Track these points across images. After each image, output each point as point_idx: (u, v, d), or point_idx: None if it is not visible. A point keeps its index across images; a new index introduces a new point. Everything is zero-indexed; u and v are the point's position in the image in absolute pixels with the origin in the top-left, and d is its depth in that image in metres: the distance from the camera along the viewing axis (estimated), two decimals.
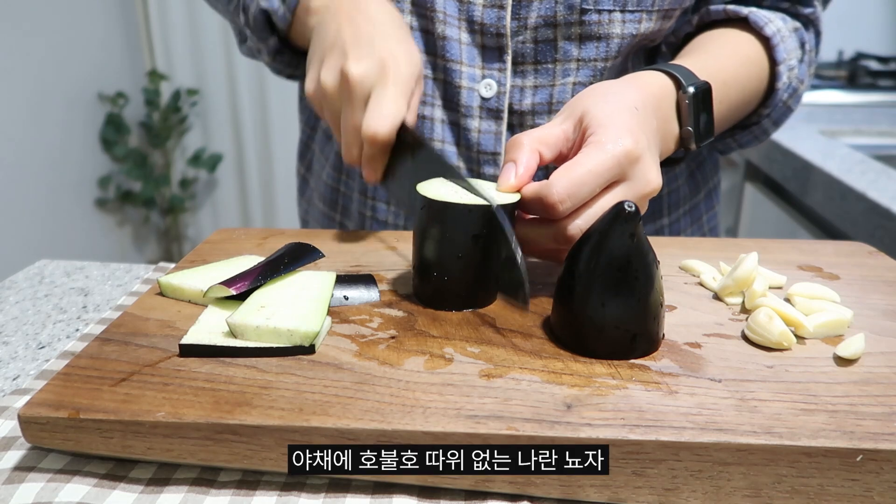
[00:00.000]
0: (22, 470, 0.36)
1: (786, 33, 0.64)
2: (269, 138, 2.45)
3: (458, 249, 0.45)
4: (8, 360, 0.49)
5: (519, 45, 0.62)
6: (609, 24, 0.60)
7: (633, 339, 0.40)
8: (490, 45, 0.62)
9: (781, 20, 0.65)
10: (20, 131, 1.86)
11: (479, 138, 0.64)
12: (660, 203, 0.72)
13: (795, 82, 0.65)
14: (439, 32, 0.62)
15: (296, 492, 0.35)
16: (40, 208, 1.95)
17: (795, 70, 0.65)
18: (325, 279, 0.48)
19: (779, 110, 0.66)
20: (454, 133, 0.65)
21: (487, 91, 0.63)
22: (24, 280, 0.64)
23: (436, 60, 0.64)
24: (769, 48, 0.63)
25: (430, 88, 0.65)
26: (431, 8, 0.61)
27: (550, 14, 0.60)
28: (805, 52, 0.66)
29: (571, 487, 0.34)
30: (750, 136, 0.69)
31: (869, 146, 1.36)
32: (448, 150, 0.65)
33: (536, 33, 0.61)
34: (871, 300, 0.49)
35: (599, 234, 0.40)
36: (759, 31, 0.63)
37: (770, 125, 0.68)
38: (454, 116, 0.65)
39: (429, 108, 0.65)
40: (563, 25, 0.60)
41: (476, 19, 0.61)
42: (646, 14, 0.61)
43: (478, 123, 0.64)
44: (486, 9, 0.61)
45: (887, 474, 0.33)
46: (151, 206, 2.41)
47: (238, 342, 0.41)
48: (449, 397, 0.36)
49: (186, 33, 2.39)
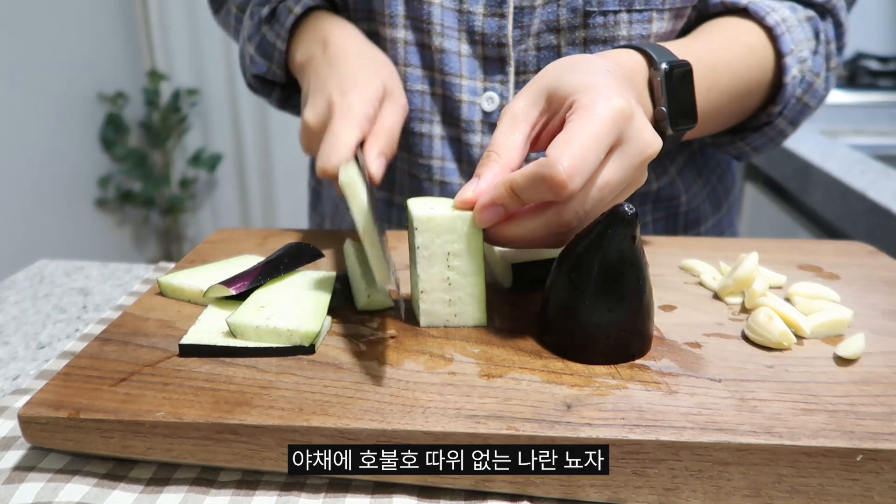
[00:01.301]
0: (22, 470, 0.36)
1: (793, 23, 0.59)
2: (269, 138, 2.45)
3: None
4: (8, 360, 0.49)
5: (521, 54, 0.60)
6: (615, 25, 0.58)
7: (635, 342, 0.40)
8: (491, 55, 0.60)
9: (789, 10, 0.60)
10: (20, 131, 1.86)
11: (481, 154, 0.60)
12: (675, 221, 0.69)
13: (810, 76, 0.61)
14: (437, 45, 0.60)
15: (296, 492, 0.35)
16: (40, 208, 1.95)
17: (808, 62, 0.60)
18: (325, 279, 0.48)
19: (793, 108, 0.62)
20: (455, 149, 0.63)
21: (489, 104, 0.61)
22: (24, 280, 0.64)
23: (433, 75, 0.62)
24: (772, 38, 0.59)
25: (427, 104, 0.63)
26: (428, 20, 0.59)
27: (553, 19, 0.58)
28: (820, 42, 0.61)
29: (571, 487, 0.34)
30: (764, 139, 0.64)
31: (869, 146, 1.36)
32: (448, 168, 0.63)
33: (539, 40, 0.59)
34: (871, 300, 0.49)
35: (596, 237, 0.39)
36: (760, 21, 0.59)
37: (786, 125, 0.63)
38: (454, 132, 0.63)
39: (427, 124, 0.63)
40: (566, 30, 0.58)
41: (476, 29, 0.59)
42: (656, 13, 0.58)
43: (480, 139, 0.62)
44: (486, 18, 0.59)
45: (887, 474, 0.33)
46: (151, 206, 2.41)
47: (238, 342, 0.41)
48: (449, 397, 0.36)
49: (186, 33, 2.39)
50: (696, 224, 0.71)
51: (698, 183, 0.70)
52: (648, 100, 0.51)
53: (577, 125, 0.39)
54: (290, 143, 2.45)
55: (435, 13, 0.59)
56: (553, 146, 0.39)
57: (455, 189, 0.63)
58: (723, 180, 0.74)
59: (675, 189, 0.68)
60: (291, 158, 2.47)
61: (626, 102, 0.40)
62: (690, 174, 0.69)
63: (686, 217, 0.70)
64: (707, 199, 0.71)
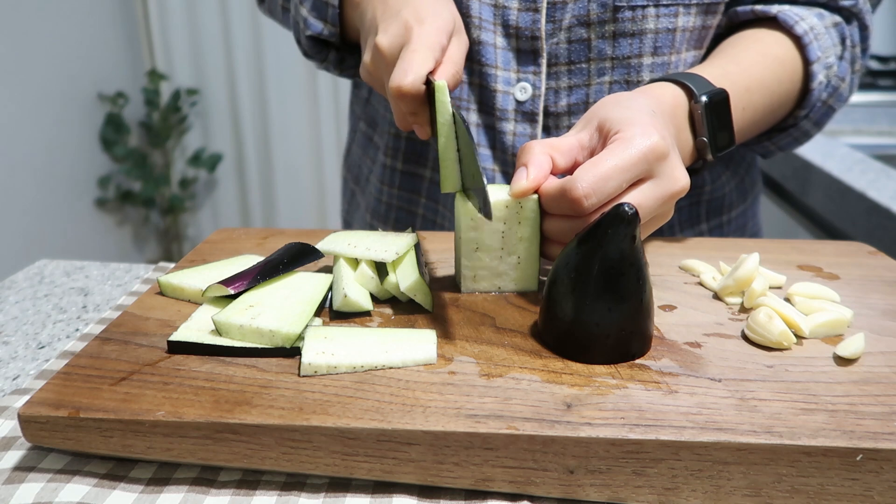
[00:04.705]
0: (22, 470, 0.36)
1: (820, 30, 0.62)
2: (269, 138, 2.45)
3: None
4: (8, 360, 0.49)
5: (553, 47, 0.62)
6: (643, 19, 0.60)
7: (635, 342, 0.40)
8: (525, 48, 0.62)
9: (817, 17, 0.62)
10: (20, 131, 1.86)
11: (513, 141, 0.64)
12: (698, 210, 0.70)
13: (835, 80, 0.63)
14: (475, 37, 0.62)
15: (296, 492, 0.35)
16: (40, 208, 1.95)
17: (834, 68, 0.63)
18: (320, 281, 0.48)
19: (818, 111, 0.64)
20: (489, 136, 0.66)
21: (522, 94, 0.63)
22: (24, 280, 0.64)
23: (471, 65, 0.64)
24: (801, 47, 0.61)
25: (465, 93, 0.65)
26: (467, 13, 0.62)
27: (584, 13, 0.60)
28: (846, 48, 0.64)
29: (571, 487, 0.34)
30: (789, 139, 0.67)
31: (869, 146, 1.36)
32: (483, 154, 0.66)
33: (570, 33, 0.61)
34: (871, 300, 0.49)
35: (596, 237, 0.39)
36: (789, 31, 0.61)
37: (810, 126, 0.65)
38: (489, 120, 0.65)
39: (464, 112, 0.65)
40: (596, 24, 0.60)
41: (511, 23, 0.61)
42: (682, 8, 0.60)
43: (513, 126, 0.64)
44: (520, 12, 0.61)
45: (887, 474, 0.33)
46: (151, 206, 2.41)
47: (224, 341, 0.41)
48: (449, 397, 0.36)
49: (186, 33, 2.39)
50: (719, 213, 0.72)
51: (726, 174, 0.72)
52: (689, 132, 0.55)
53: (609, 154, 0.44)
54: (290, 143, 2.45)
55: (473, 6, 0.61)
56: (581, 167, 0.44)
57: (488, 174, 0.67)
58: (750, 173, 0.76)
59: (701, 178, 0.70)
60: (291, 158, 2.47)
61: (661, 141, 0.44)
62: (718, 166, 0.71)
63: (709, 205, 0.71)
64: (735, 188, 0.73)
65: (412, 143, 0.71)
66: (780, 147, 0.68)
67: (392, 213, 0.75)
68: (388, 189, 0.74)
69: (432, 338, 0.41)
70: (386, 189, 0.74)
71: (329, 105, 2.37)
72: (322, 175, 2.48)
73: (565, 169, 0.48)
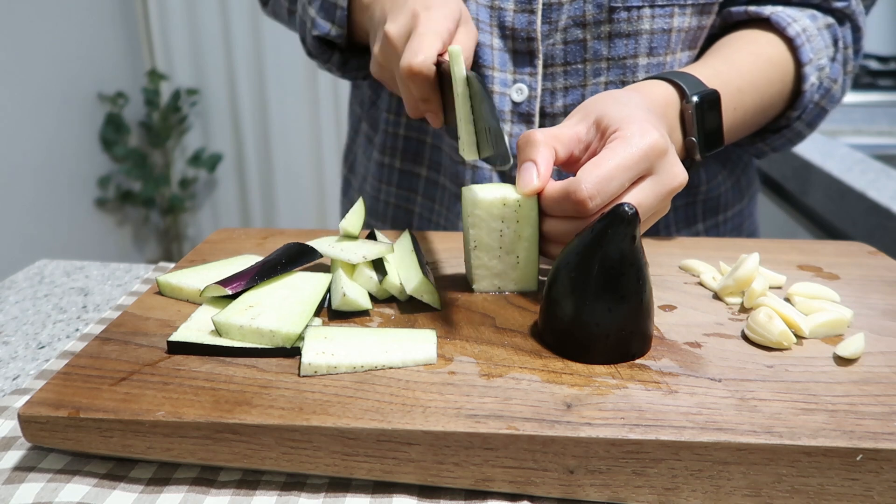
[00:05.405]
0: (22, 470, 0.36)
1: (813, 32, 0.62)
2: (269, 138, 2.45)
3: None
4: (8, 360, 0.49)
5: (549, 48, 0.62)
6: (638, 20, 0.60)
7: (635, 342, 0.40)
8: (521, 49, 0.62)
9: (810, 18, 0.63)
10: (20, 131, 1.86)
11: (509, 142, 0.64)
12: (694, 209, 0.71)
13: (827, 82, 0.64)
14: None
15: (296, 492, 0.35)
16: (40, 208, 1.95)
17: (827, 69, 0.63)
18: (319, 281, 0.48)
19: (810, 112, 0.65)
20: None
21: (519, 95, 0.63)
22: (24, 280, 0.64)
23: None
24: (793, 49, 0.62)
25: None
26: None
27: (580, 14, 0.60)
28: (838, 49, 0.64)
29: (571, 487, 0.34)
30: (783, 140, 0.68)
31: (869, 146, 1.36)
32: None
33: (566, 34, 0.61)
34: (871, 300, 0.49)
35: (596, 237, 0.39)
36: (782, 32, 0.62)
37: (803, 127, 0.66)
38: None
39: None
40: (592, 25, 0.60)
41: (507, 24, 0.61)
42: (678, 8, 0.60)
43: (509, 128, 0.64)
44: (516, 14, 0.61)
45: (887, 474, 0.33)
46: (151, 206, 2.41)
47: (224, 341, 0.41)
48: (449, 397, 0.36)
49: (186, 33, 2.39)
50: (716, 212, 0.72)
51: (722, 174, 0.72)
52: (679, 131, 0.55)
53: (611, 153, 0.43)
54: (290, 143, 2.45)
55: (470, 8, 0.62)
56: (584, 168, 0.43)
57: (486, 174, 0.67)
58: (746, 172, 0.76)
59: (697, 178, 0.70)
60: (291, 158, 2.47)
61: (661, 138, 0.44)
62: (714, 166, 0.71)
63: (705, 205, 0.71)
64: (732, 188, 0.73)
65: (409, 142, 0.71)
66: (774, 148, 0.69)
67: (389, 210, 0.75)
68: (386, 187, 0.74)
69: (432, 338, 0.41)
70: (383, 187, 0.74)
71: (329, 105, 2.37)
72: (322, 175, 2.48)
73: (563, 160, 0.48)
